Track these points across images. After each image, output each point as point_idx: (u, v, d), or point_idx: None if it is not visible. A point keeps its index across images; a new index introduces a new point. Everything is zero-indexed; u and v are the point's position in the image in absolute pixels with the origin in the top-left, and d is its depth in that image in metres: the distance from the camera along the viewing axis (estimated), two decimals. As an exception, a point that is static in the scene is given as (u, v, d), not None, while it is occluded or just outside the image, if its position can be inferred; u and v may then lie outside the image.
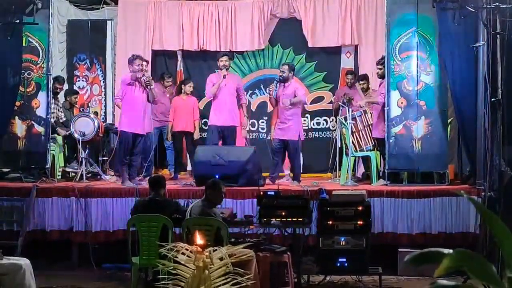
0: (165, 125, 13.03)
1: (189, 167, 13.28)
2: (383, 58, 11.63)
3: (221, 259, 5.58)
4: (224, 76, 11.89)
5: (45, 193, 10.67)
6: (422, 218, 10.35)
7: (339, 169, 11.95)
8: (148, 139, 12.03)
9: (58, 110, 12.47)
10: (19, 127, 11.61)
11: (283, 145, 11.64)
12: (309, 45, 13.74)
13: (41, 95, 11.67)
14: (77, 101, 13.18)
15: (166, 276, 5.89)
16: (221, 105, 12.01)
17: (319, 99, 14.00)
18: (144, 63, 11.58)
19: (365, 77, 12.35)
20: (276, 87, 11.64)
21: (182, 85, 13.05)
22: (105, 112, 13.99)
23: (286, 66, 11.80)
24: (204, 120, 13.19)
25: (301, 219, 9.15)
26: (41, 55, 11.68)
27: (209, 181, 8.75)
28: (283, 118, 11.62)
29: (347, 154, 11.57)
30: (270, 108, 13.26)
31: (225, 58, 12.06)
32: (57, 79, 12.57)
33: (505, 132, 10.08)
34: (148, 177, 10.73)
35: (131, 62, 11.19)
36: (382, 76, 11.64)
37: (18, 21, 10.93)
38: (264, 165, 11.71)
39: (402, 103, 11.13)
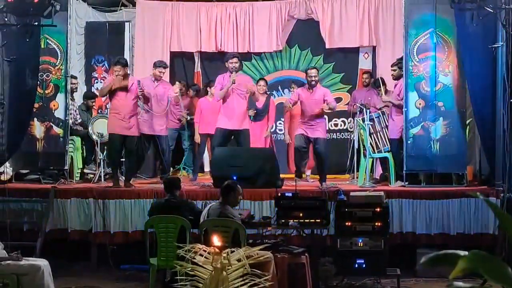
0: (182, 127, 13.09)
1: (206, 168, 13.30)
2: (398, 60, 11.63)
3: (239, 260, 5.59)
4: (234, 82, 11.47)
5: (63, 194, 10.72)
6: (440, 219, 10.32)
7: (357, 170, 11.92)
8: (162, 141, 12.10)
9: (75, 111, 12.50)
10: (37, 128, 11.65)
11: (308, 143, 11.65)
12: (327, 46, 13.72)
13: (60, 97, 11.72)
14: (94, 105, 13.22)
15: (184, 277, 5.91)
16: (231, 108, 11.70)
17: (337, 100, 13.91)
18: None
19: (380, 82, 12.27)
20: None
21: (208, 88, 13.06)
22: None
23: (315, 70, 11.84)
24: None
25: (319, 220, 9.15)
26: (59, 57, 11.73)
27: (225, 183, 8.75)
28: (309, 118, 11.66)
29: (365, 155, 11.55)
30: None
31: (235, 60, 11.60)
32: (71, 76, 12.50)
33: (524, 133, 10.04)
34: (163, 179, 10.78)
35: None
36: (397, 78, 11.62)
37: (36, 23, 10.98)
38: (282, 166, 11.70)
39: (420, 104, 11.09)
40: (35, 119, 11.62)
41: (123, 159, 11.74)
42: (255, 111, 12.57)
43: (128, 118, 11.14)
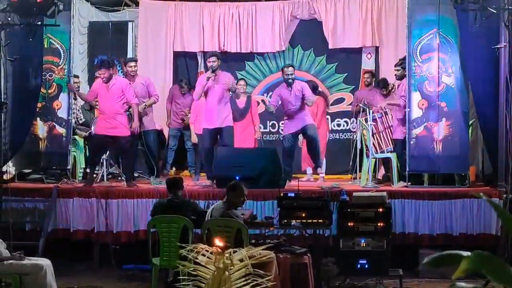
0: (186, 127, 13.11)
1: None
2: (401, 60, 11.63)
3: (241, 260, 5.59)
4: (208, 79, 11.35)
5: (66, 194, 10.72)
6: (443, 219, 10.31)
7: (360, 171, 11.91)
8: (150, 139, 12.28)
9: (78, 110, 12.51)
10: (40, 128, 11.65)
11: (295, 139, 11.59)
12: (330, 46, 13.71)
13: (63, 97, 11.72)
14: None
15: (186, 277, 5.90)
16: (212, 107, 11.51)
17: (339, 100, 13.99)
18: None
19: (385, 83, 12.27)
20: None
21: None
22: (126, 114, 14.04)
23: (292, 68, 11.80)
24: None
25: (321, 221, 9.15)
26: (62, 56, 11.73)
27: (230, 183, 8.75)
28: (293, 113, 11.64)
29: (367, 156, 11.54)
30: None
31: (213, 58, 11.43)
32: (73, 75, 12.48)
33: (527, 134, 10.03)
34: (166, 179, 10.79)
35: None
36: (400, 78, 11.62)
37: (39, 23, 10.99)
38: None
39: (423, 104, 11.08)
40: (38, 118, 11.62)
41: (121, 159, 11.81)
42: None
43: (113, 118, 11.18)
